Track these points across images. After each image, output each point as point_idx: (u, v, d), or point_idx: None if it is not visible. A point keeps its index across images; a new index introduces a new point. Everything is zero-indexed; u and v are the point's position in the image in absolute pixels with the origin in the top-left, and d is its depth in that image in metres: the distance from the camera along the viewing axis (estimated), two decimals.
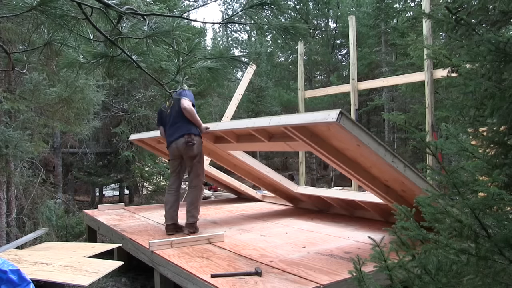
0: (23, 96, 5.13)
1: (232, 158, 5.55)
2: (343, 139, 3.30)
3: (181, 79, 2.35)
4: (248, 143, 4.41)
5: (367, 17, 15.69)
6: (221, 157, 5.65)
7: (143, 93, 9.38)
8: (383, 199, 3.98)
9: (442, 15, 2.10)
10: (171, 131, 4.39)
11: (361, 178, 3.69)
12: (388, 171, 3.49)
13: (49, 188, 7.13)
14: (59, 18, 1.87)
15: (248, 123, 3.84)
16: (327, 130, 3.28)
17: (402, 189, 3.77)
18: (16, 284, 2.72)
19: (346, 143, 3.36)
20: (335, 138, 3.38)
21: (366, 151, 3.24)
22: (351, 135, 3.03)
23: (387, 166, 3.31)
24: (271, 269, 2.97)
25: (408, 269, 1.61)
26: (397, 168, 3.27)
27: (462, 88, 1.93)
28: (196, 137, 4.31)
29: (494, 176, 1.47)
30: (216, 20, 23.43)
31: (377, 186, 3.76)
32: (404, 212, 1.73)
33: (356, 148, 3.34)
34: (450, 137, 1.67)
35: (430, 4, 6.21)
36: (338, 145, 3.50)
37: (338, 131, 3.13)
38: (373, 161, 3.47)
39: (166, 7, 9.42)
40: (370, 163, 3.56)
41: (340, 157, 3.58)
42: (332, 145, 3.53)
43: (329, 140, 3.49)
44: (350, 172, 3.69)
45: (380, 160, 3.27)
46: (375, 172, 3.68)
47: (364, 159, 3.54)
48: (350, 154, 3.57)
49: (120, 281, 4.47)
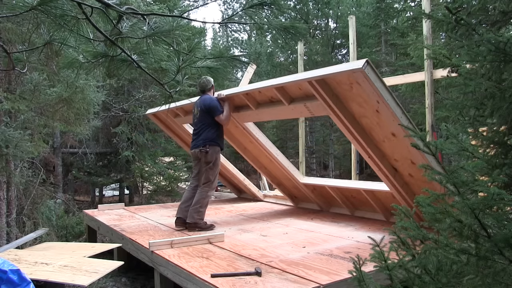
0: (23, 96, 5.13)
1: (245, 139, 5.51)
2: (363, 99, 3.33)
3: (181, 79, 2.35)
4: (268, 109, 4.43)
5: (367, 17, 15.71)
6: (235, 137, 5.64)
7: (143, 93, 9.38)
8: (389, 184, 3.99)
9: (442, 15, 2.10)
10: (194, 137, 4.79)
11: (372, 153, 3.74)
12: (400, 145, 3.51)
13: (49, 188, 7.14)
14: (59, 17, 1.87)
15: (272, 81, 3.96)
16: (349, 90, 3.33)
17: (410, 173, 3.79)
18: (16, 284, 2.72)
19: (365, 105, 3.39)
20: (355, 100, 3.43)
21: (384, 113, 3.27)
22: (373, 88, 3.03)
23: (401, 133, 3.34)
24: (271, 269, 2.97)
25: (408, 269, 1.61)
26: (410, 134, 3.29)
27: (462, 88, 1.93)
28: (212, 147, 4.60)
29: (494, 176, 1.47)
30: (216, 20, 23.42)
31: (386, 166, 3.81)
32: (404, 212, 1.73)
33: (374, 114, 3.39)
34: (450, 137, 1.67)
35: (430, 4, 6.21)
36: (357, 110, 3.54)
37: (360, 87, 3.16)
38: (386, 132, 3.51)
39: (166, 7, 9.42)
40: (383, 135, 3.59)
41: (356, 125, 3.64)
42: (350, 110, 3.58)
43: (348, 103, 3.53)
44: (363, 145, 3.72)
45: (395, 124, 3.29)
46: (386, 148, 3.71)
47: (379, 130, 3.57)
48: (366, 123, 3.61)
49: (120, 281, 4.47)
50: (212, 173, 4.62)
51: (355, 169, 7.67)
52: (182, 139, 6.89)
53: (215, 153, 4.61)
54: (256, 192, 7.04)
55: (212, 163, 4.60)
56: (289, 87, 3.94)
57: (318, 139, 17.84)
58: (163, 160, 10.48)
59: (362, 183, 5.10)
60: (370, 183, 4.86)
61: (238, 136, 5.56)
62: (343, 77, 3.24)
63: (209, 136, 4.59)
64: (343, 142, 18.71)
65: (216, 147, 4.63)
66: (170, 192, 9.75)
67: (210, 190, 4.63)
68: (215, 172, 4.67)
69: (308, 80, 3.42)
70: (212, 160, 4.59)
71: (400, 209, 1.74)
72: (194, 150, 4.71)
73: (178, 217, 4.57)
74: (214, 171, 4.65)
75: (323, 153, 18.35)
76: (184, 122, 6.05)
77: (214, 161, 4.61)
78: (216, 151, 4.62)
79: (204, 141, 4.58)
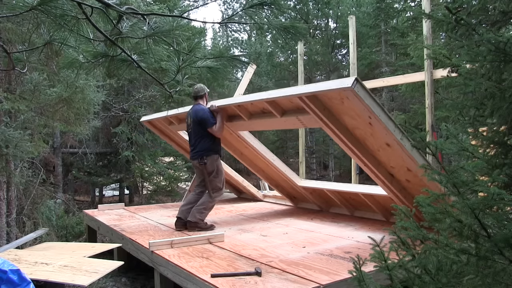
0: (23, 96, 5.13)
1: (240, 145, 5.52)
2: (355, 112, 3.32)
3: (181, 79, 2.35)
4: (260, 120, 4.45)
5: (367, 17, 15.69)
6: (230, 143, 5.64)
7: (143, 93, 9.38)
8: (386, 189, 3.99)
9: (442, 15, 2.10)
10: (191, 148, 4.81)
11: (368, 162, 3.73)
12: (394, 154, 3.51)
13: (49, 188, 7.14)
14: (59, 17, 1.87)
15: (263, 95, 3.95)
16: (341, 104, 3.33)
17: (407, 179, 3.80)
18: (16, 284, 2.72)
19: (357, 118, 3.38)
20: (347, 114, 3.43)
21: (376, 127, 3.27)
22: (364, 105, 3.04)
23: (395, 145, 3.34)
24: (271, 269, 2.97)
25: (408, 269, 1.61)
26: (404, 146, 3.30)
27: (462, 88, 1.93)
28: (209, 157, 4.60)
29: (494, 176, 1.47)
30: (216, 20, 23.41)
31: (382, 173, 3.80)
32: (404, 212, 1.73)
33: (367, 126, 3.38)
34: (450, 137, 1.67)
35: (430, 4, 6.21)
36: (349, 122, 3.54)
37: (351, 102, 3.16)
38: (381, 142, 3.50)
39: (166, 7, 9.42)
40: (378, 145, 3.59)
41: (350, 136, 3.65)
42: (343, 122, 3.58)
43: (340, 116, 3.53)
44: (358, 155, 3.71)
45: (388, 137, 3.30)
46: (382, 156, 3.70)
47: (373, 141, 3.56)
48: (360, 133, 3.61)
49: (120, 281, 4.47)
50: (219, 180, 4.66)
51: (355, 169, 7.67)
52: (179, 145, 6.89)
53: (214, 161, 4.63)
54: (256, 192, 7.05)
55: (215, 172, 4.63)
56: (280, 101, 3.91)
57: (318, 139, 17.82)
58: (163, 160, 10.48)
59: (361, 187, 5.09)
60: (368, 187, 4.85)
61: (234, 142, 5.58)
62: (334, 93, 3.23)
63: (204, 147, 4.61)
64: None
65: (214, 156, 4.63)
66: (170, 192, 9.75)
67: (218, 196, 4.69)
68: (221, 179, 4.70)
69: (299, 96, 3.41)
70: (214, 169, 4.62)
71: (400, 209, 1.74)
72: (193, 161, 4.77)
73: (179, 217, 4.58)
74: (220, 178, 4.68)
75: (323, 153, 18.34)
76: (179, 129, 6.05)
77: (216, 169, 4.64)
78: (214, 159, 4.63)
79: (201, 153, 4.60)
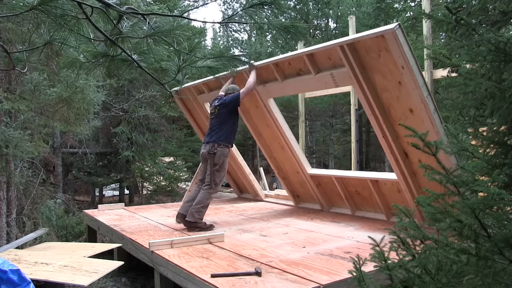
0: (23, 96, 5.13)
1: (262, 122, 5.62)
2: (388, 69, 3.59)
3: (182, 79, 2.35)
4: (293, 81, 4.69)
5: (367, 17, 15.69)
6: (252, 120, 5.73)
7: (143, 93, 9.38)
8: (397, 170, 4.09)
9: (442, 15, 2.10)
10: (207, 136, 4.83)
11: (387, 132, 3.93)
12: (415, 125, 3.65)
13: (49, 188, 7.14)
14: (60, 17, 1.87)
15: (303, 50, 4.34)
16: (377, 58, 3.61)
17: (420, 159, 3.89)
18: (16, 284, 2.72)
19: (389, 76, 3.64)
20: (380, 71, 3.71)
21: (407, 80, 3.49)
22: (401, 51, 3.28)
23: (419, 108, 3.56)
24: (271, 269, 2.97)
25: (408, 269, 1.61)
26: (428, 105, 3.50)
27: (462, 88, 1.93)
28: (221, 148, 4.63)
29: (494, 176, 1.47)
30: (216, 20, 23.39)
31: (398, 148, 3.99)
32: (404, 212, 1.73)
33: (395, 87, 3.64)
34: (450, 137, 1.67)
35: (430, 4, 6.22)
36: (380, 83, 3.80)
37: (388, 54, 3.49)
38: (404, 108, 3.73)
39: (166, 7, 9.42)
40: (401, 112, 3.79)
41: (377, 99, 3.89)
42: (374, 82, 3.84)
43: (373, 74, 3.82)
44: (380, 122, 3.92)
45: (415, 96, 3.53)
46: (401, 128, 3.83)
47: (398, 106, 3.79)
48: (386, 98, 3.86)
49: (120, 281, 4.47)
50: (218, 175, 4.67)
51: (355, 169, 7.68)
52: (199, 126, 6.98)
53: (223, 156, 4.64)
54: (259, 190, 7.02)
55: (219, 166, 4.64)
56: (318, 56, 4.27)
57: (318, 139, 17.84)
58: (163, 160, 10.48)
59: (368, 173, 5.29)
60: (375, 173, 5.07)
61: (256, 119, 5.69)
62: (373, 43, 3.52)
63: (220, 135, 4.65)
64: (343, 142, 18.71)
65: (225, 149, 4.66)
66: (170, 192, 9.76)
67: (214, 192, 4.68)
68: (221, 176, 4.71)
69: (340, 45, 3.72)
70: (219, 162, 4.63)
71: (400, 209, 1.74)
72: (202, 151, 4.79)
73: (180, 212, 4.66)
74: (220, 174, 4.69)
75: (323, 153, 18.35)
76: (207, 100, 6.10)
77: (221, 163, 4.65)
78: (224, 154, 4.65)
79: (214, 141, 4.63)
